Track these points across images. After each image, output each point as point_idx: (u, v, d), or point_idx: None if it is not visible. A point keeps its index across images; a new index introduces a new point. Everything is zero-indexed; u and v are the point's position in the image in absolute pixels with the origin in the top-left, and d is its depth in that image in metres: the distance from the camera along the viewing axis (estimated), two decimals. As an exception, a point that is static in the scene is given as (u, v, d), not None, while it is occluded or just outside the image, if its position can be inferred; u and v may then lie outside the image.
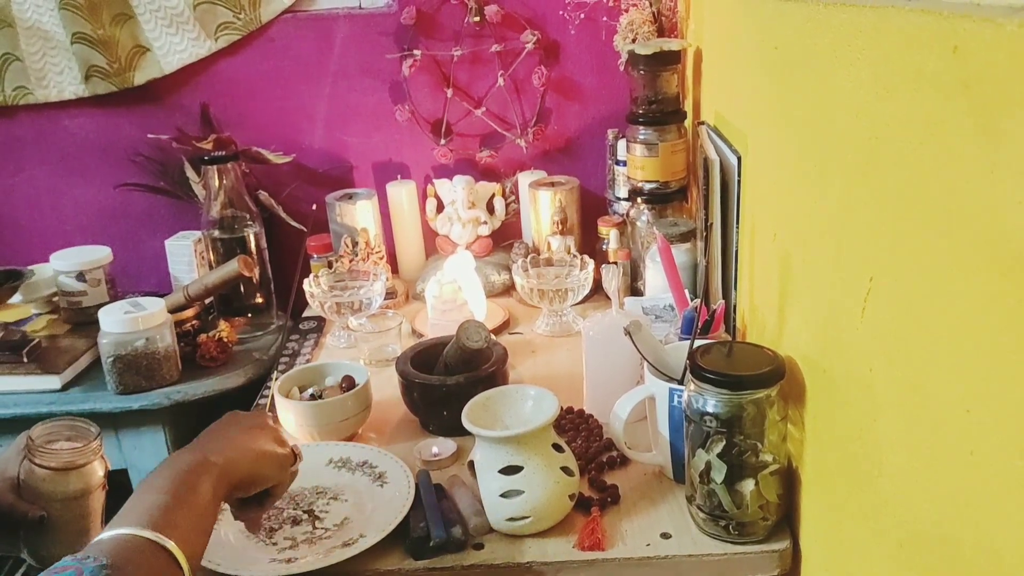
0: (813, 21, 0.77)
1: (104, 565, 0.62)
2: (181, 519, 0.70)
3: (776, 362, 0.85)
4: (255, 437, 0.85)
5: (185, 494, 0.73)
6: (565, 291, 1.39)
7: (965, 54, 0.48)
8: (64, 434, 0.82)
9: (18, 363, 1.36)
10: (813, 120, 0.78)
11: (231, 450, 0.81)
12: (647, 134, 1.41)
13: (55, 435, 0.81)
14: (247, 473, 0.82)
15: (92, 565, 0.61)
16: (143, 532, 0.66)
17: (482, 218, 1.63)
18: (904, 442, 0.60)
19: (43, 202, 1.75)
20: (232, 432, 0.85)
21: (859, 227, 0.67)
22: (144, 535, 0.66)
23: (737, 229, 1.08)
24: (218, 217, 1.51)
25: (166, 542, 0.67)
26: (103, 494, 0.82)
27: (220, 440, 0.83)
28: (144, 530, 0.67)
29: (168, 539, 0.67)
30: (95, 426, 0.82)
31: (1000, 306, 0.46)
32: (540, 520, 0.91)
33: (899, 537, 0.61)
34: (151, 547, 0.66)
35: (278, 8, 1.61)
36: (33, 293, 1.54)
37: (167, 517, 0.69)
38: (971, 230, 0.49)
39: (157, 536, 0.67)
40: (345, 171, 1.73)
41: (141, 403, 1.31)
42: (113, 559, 0.63)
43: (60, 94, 1.65)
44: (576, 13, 1.58)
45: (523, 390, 1.00)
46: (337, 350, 1.43)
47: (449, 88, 1.66)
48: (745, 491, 0.86)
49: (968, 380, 0.50)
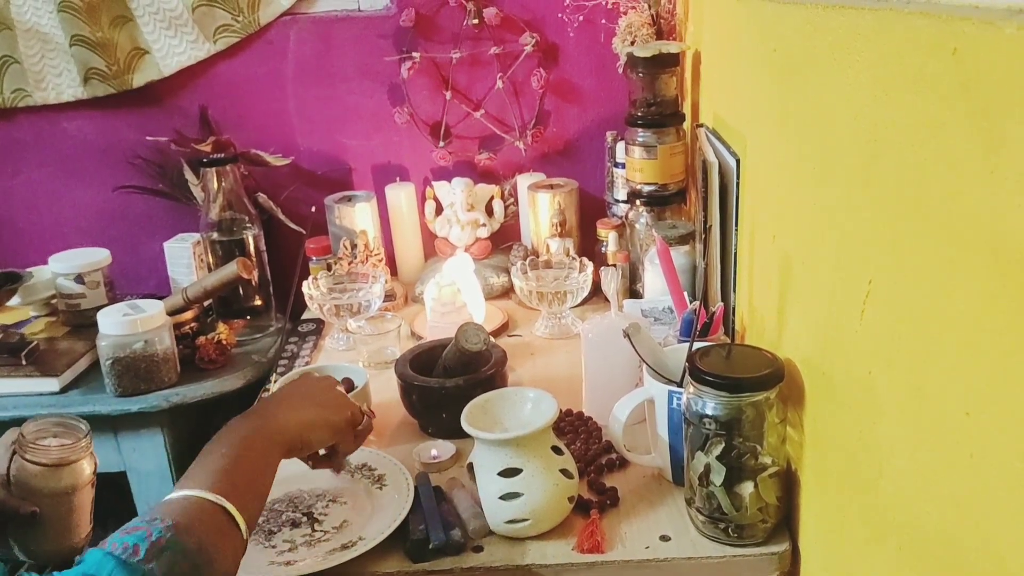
0: (812, 23, 0.77)
1: (170, 525, 0.68)
2: (239, 481, 0.76)
3: (775, 364, 0.85)
4: (313, 402, 0.92)
5: (243, 458, 0.79)
6: (564, 293, 1.39)
7: (964, 56, 0.48)
8: (54, 431, 0.82)
9: (17, 365, 1.36)
10: (812, 122, 0.78)
11: (286, 414, 0.87)
12: (646, 136, 1.41)
13: (45, 432, 0.82)
14: (299, 436, 0.87)
15: (160, 526, 0.67)
16: (206, 494, 0.73)
17: (481, 220, 1.63)
18: (904, 445, 0.60)
19: (42, 204, 1.75)
20: (295, 399, 0.92)
21: (858, 229, 0.67)
22: (207, 497, 0.73)
23: (736, 231, 1.08)
24: (217, 219, 1.50)
25: (226, 504, 0.73)
26: (92, 490, 0.84)
27: (278, 405, 0.90)
28: (206, 492, 0.73)
29: (228, 501, 0.73)
30: (85, 423, 0.83)
31: (1000, 308, 0.46)
32: (539, 522, 0.91)
33: (899, 540, 0.61)
34: (212, 508, 0.72)
35: (277, 10, 1.61)
36: (32, 295, 1.53)
37: (227, 480, 0.75)
38: (970, 232, 0.49)
39: (217, 498, 0.73)
40: (344, 173, 1.73)
41: (140, 405, 1.30)
42: (176, 519, 0.69)
43: (59, 96, 1.65)
44: (575, 15, 1.58)
45: (522, 392, 1.00)
46: (336, 352, 1.43)
47: (448, 90, 1.66)
48: (744, 493, 0.86)
49: (968, 382, 0.50)
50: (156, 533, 0.66)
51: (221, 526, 0.72)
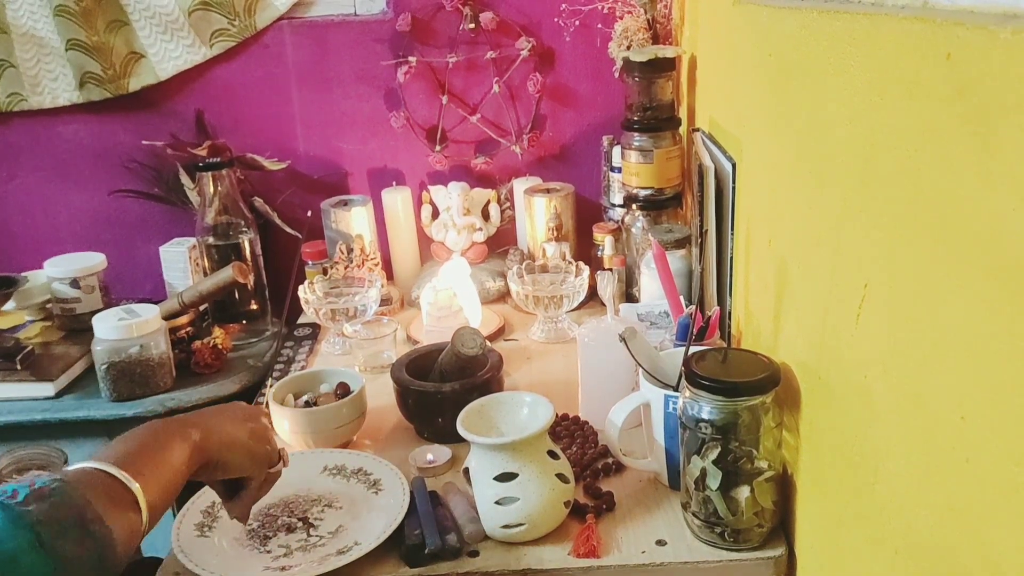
0: (808, 28, 0.77)
1: (57, 478, 0.65)
2: (147, 467, 0.72)
3: (771, 369, 0.85)
4: (241, 427, 0.87)
5: (156, 450, 0.75)
6: (560, 298, 1.39)
7: (959, 61, 0.48)
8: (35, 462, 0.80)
9: (12, 370, 1.35)
10: (808, 127, 0.78)
11: (212, 430, 0.83)
12: (642, 141, 1.41)
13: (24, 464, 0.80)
14: (220, 455, 0.83)
15: (47, 478, 0.64)
16: (105, 466, 0.69)
17: (477, 224, 1.63)
18: (900, 449, 0.60)
19: (37, 209, 1.74)
20: (222, 417, 0.87)
21: (854, 233, 0.67)
22: (106, 468, 0.69)
23: (732, 235, 1.08)
24: (213, 224, 1.50)
25: (125, 478, 0.69)
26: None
27: (205, 418, 0.86)
28: (106, 464, 0.70)
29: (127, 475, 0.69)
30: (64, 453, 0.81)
31: (995, 313, 0.46)
32: (535, 527, 0.90)
33: (895, 544, 0.61)
34: (108, 478, 0.69)
35: (273, 15, 1.61)
36: (27, 300, 1.53)
37: (133, 461, 0.71)
38: (966, 237, 0.49)
39: (117, 471, 0.69)
40: (340, 178, 1.73)
41: (135, 410, 1.30)
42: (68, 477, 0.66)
43: (54, 101, 1.64)
44: (571, 20, 1.58)
45: (518, 397, 1.00)
46: (332, 357, 1.43)
47: (444, 95, 1.66)
48: (740, 498, 0.86)
49: (963, 387, 0.50)
50: (40, 483, 0.64)
51: (115, 495, 0.69)
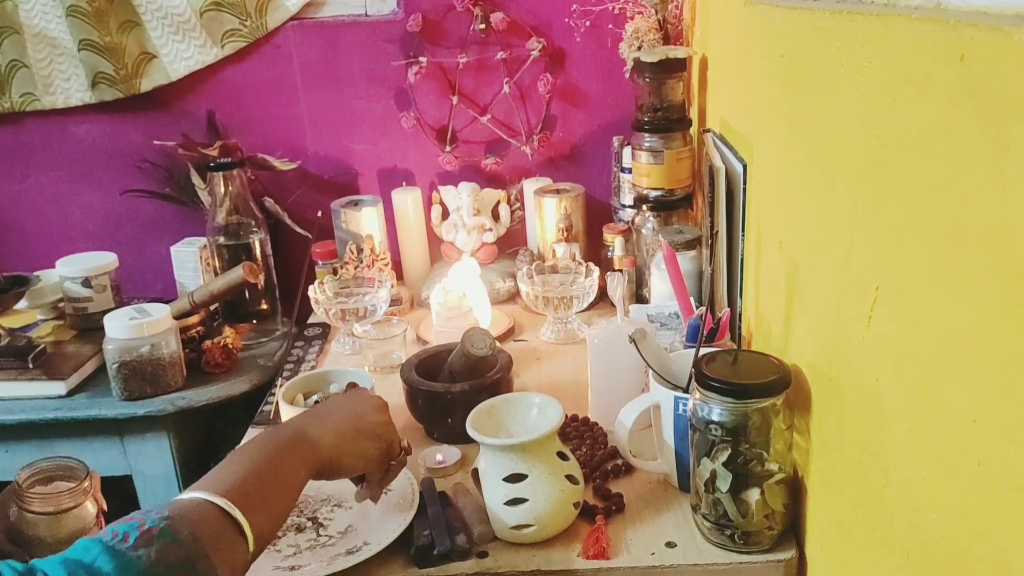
0: (819, 29, 0.77)
1: (165, 516, 0.63)
2: (253, 493, 0.70)
3: (782, 370, 0.85)
4: (355, 425, 0.86)
5: (264, 471, 0.73)
6: (570, 298, 1.39)
7: (972, 62, 0.48)
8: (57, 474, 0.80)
9: (24, 369, 1.36)
10: (819, 128, 0.78)
11: (322, 433, 0.82)
12: (652, 141, 1.41)
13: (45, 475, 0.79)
14: (330, 459, 0.82)
15: (155, 516, 0.63)
16: (212, 497, 0.67)
17: (487, 225, 1.63)
18: (911, 452, 0.60)
19: (49, 208, 1.75)
20: (337, 415, 0.86)
21: (865, 235, 0.67)
22: (213, 500, 0.67)
23: (743, 237, 1.08)
24: (223, 223, 1.51)
25: (232, 509, 0.67)
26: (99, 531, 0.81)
27: (318, 421, 0.84)
28: (214, 496, 0.67)
29: (235, 507, 0.67)
30: (84, 465, 0.80)
31: (1008, 315, 0.45)
32: (544, 528, 0.90)
33: (907, 547, 0.61)
34: (216, 511, 0.67)
35: (284, 15, 1.62)
36: (39, 299, 1.54)
37: (239, 488, 0.69)
38: (979, 238, 0.48)
39: (224, 502, 0.67)
40: (350, 178, 1.73)
41: (146, 409, 1.31)
42: (174, 513, 0.64)
43: (67, 101, 1.65)
44: (582, 20, 1.58)
45: (528, 398, 1.00)
46: (342, 357, 1.43)
47: (455, 95, 1.66)
48: (750, 500, 0.85)
49: (976, 390, 0.50)
50: (149, 523, 0.63)
51: (223, 530, 0.67)
